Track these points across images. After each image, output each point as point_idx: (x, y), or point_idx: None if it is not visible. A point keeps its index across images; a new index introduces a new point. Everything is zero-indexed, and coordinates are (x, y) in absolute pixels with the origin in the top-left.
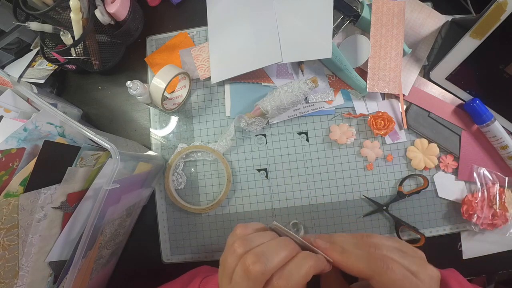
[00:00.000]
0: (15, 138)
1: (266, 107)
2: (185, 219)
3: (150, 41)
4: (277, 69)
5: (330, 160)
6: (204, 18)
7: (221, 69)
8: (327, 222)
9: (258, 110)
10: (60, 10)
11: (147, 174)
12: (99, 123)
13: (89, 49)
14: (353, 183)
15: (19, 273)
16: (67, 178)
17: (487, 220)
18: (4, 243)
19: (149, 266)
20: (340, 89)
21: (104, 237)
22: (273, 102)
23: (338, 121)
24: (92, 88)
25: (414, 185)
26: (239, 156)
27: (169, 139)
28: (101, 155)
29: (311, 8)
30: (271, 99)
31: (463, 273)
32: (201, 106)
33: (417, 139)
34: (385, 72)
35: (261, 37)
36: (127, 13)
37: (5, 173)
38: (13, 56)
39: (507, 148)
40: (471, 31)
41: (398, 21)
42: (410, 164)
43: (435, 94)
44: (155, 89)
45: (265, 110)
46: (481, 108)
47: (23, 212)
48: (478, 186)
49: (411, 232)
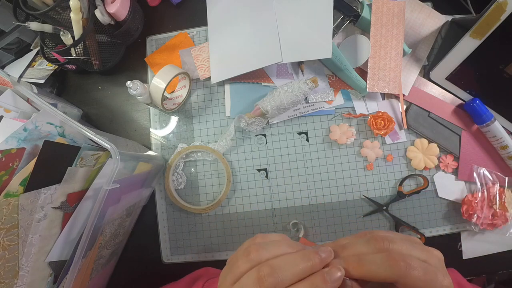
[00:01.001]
0: (15, 138)
1: (266, 107)
2: (185, 219)
3: (150, 41)
4: (277, 69)
5: (330, 160)
6: (204, 18)
7: (221, 69)
8: (327, 222)
9: (258, 110)
10: (60, 10)
11: (147, 174)
12: (99, 123)
13: (89, 49)
14: (353, 183)
15: (19, 273)
16: (67, 178)
17: (487, 220)
18: (4, 243)
19: (149, 266)
20: (340, 89)
21: (104, 237)
22: (273, 102)
23: (338, 121)
24: (92, 88)
25: (414, 185)
26: (239, 156)
27: (169, 139)
28: (101, 155)
29: (311, 8)
30: (271, 99)
31: (463, 273)
32: (201, 106)
33: (417, 139)
34: (385, 72)
35: (261, 37)
36: (127, 13)
37: (5, 173)
38: (13, 56)
39: (507, 148)
40: (471, 31)
41: (398, 21)
42: (410, 164)
43: (435, 94)
44: (155, 89)
45: (265, 110)
46: (481, 108)
47: (23, 212)
48: (478, 186)
49: (411, 232)
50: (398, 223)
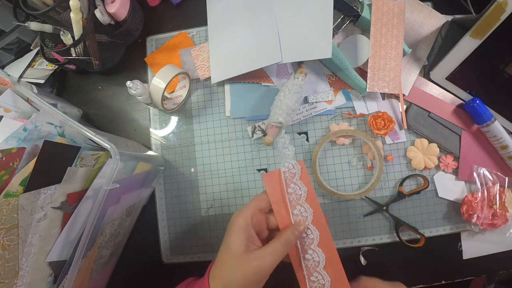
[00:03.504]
0: (15, 138)
1: (277, 119)
2: (185, 219)
3: (150, 41)
4: (277, 69)
5: (330, 160)
6: (204, 18)
7: (221, 69)
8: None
9: (272, 127)
10: (60, 10)
11: (147, 174)
12: (99, 123)
13: (89, 49)
14: (353, 183)
15: (19, 273)
16: (67, 178)
17: (487, 220)
18: (4, 243)
19: (149, 266)
20: (340, 89)
21: (104, 237)
22: (281, 111)
23: (338, 120)
24: (92, 88)
25: (415, 185)
26: (239, 156)
27: (169, 139)
28: (101, 155)
29: (311, 8)
30: (278, 110)
31: (463, 273)
32: (201, 106)
33: (417, 139)
34: (385, 72)
35: (261, 37)
36: (127, 13)
37: (5, 173)
38: (13, 56)
39: (507, 148)
40: (471, 31)
41: (398, 21)
42: (410, 164)
43: (435, 94)
44: (155, 89)
45: (278, 123)
46: (481, 108)
47: (23, 212)
48: (478, 186)
49: (411, 232)
50: (398, 223)
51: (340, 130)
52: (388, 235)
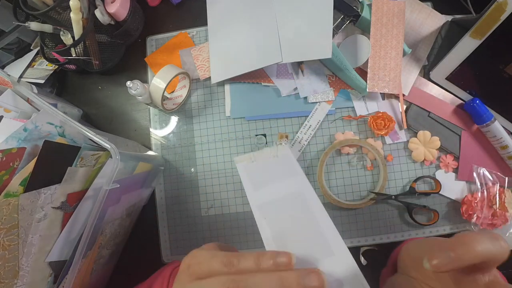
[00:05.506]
0: (15, 138)
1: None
2: (185, 219)
3: (150, 41)
4: (277, 69)
5: (330, 160)
6: (204, 18)
7: (221, 69)
8: None
9: None
10: (60, 10)
11: (147, 174)
12: (99, 123)
13: (89, 49)
14: (353, 183)
15: (19, 273)
16: (67, 178)
17: (487, 220)
18: (4, 243)
19: (149, 266)
20: (340, 89)
21: (104, 237)
22: None
23: (338, 121)
24: (92, 88)
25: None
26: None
27: (169, 139)
28: (101, 155)
29: (311, 8)
30: None
31: None
32: (201, 106)
33: (420, 131)
34: (385, 72)
35: (261, 37)
36: (127, 13)
37: (5, 173)
38: (13, 56)
39: (507, 148)
40: (471, 31)
41: (398, 21)
42: (410, 164)
43: (435, 94)
44: (155, 89)
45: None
46: (481, 108)
47: (23, 212)
48: (478, 186)
49: (424, 212)
50: (410, 207)
51: (346, 140)
52: (388, 235)
